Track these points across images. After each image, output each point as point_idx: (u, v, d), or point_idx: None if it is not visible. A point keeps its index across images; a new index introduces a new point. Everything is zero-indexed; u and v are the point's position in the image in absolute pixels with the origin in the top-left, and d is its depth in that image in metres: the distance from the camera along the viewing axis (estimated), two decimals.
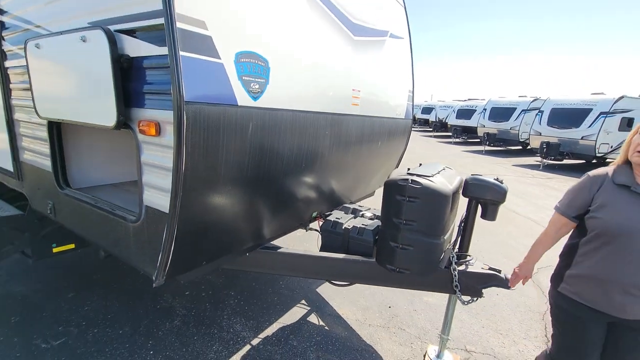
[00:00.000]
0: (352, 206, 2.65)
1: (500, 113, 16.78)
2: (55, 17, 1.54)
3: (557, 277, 1.59)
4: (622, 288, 1.36)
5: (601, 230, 1.38)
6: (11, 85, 2.05)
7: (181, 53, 1.12)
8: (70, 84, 1.46)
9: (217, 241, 1.63)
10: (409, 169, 2.01)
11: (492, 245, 4.40)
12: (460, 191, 2.02)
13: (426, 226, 1.82)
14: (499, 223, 5.28)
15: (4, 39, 1.99)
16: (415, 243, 1.84)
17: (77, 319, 2.53)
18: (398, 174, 1.95)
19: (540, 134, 13.09)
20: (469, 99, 22.48)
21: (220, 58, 1.27)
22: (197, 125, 1.21)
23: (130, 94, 1.29)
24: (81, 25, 1.39)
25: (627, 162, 1.42)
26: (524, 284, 1.77)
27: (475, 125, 18.03)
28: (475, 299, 2.04)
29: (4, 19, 1.96)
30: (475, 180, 1.96)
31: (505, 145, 16.79)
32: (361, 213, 2.52)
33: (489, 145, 16.12)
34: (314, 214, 2.50)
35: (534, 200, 7.00)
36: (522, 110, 15.97)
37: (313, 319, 2.73)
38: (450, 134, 20.72)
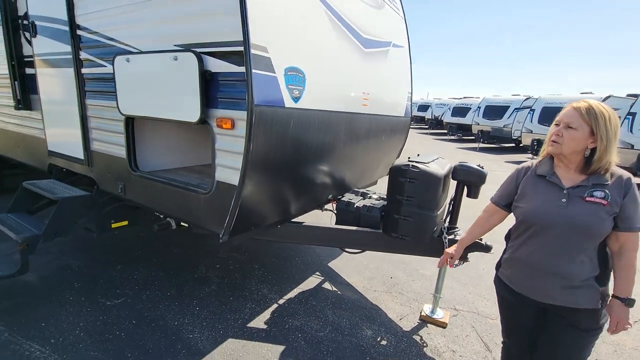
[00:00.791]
0: (360, 190, 3.14)
1: (494, 111, 17.34)
2: (141, 40, 2.00)
3: (498, 263, 1.68)
4: (541, 273, 1.41)
5: (521, 218, 1.47)
6: (86, 88, 2.50)
7: (253, 71, 1.60)
8: (157, 89, 1.91)
9: (263, 211, 2.11)
10: (409, 158, 2.50)
11: None
12: (450, 175, 2.52)
13: (422, 202, 2.32)
14: None
15: (81, 50, 2.44)
16: (414, 215, 2.34)
17: (129, 284, 3.00)
18: (401, 161, 2.45)
19: (532, 132, 13.67)
20: (465, 97, 23.07)
21: (275, 73, 1.75)
22: (260, 121, 1.69)
23: (210, 98, 1.76)
24: (167, 47, 1.85)
25: (551, 155, 1.46)
26: (450, 265, 1.97)
27: (470, 123, 18.61)
28: (462, 262, 2.54)
29: (81, 33, 2.41)
30: (461, 166, 2.46)
31: (498, 142, 17.39)
32: (369, 195, 3.01)
33: (483, 142, 16.71)
34: (329, 196, 2.98)
35: None
36: (515, 109, 16.55)
37: (327, 286, 3.23)
38: (445, 131, 21.30)
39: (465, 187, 2.51)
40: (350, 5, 2.51)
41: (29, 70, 3.00)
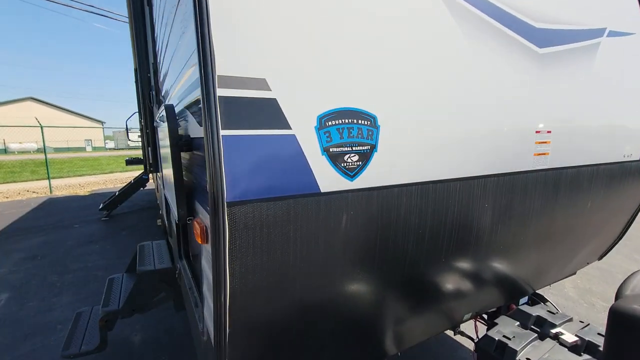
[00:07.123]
0: (535, 312, 1.65)
1: None
2: None
3: None
4: None
5: None
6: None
7: (222, 132, 0.74)
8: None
9: None
10: None
11: None
12: None
13: None
14: None
15: None
16: None
17: None
18: None
19: None
20: None
21: (290, 128, 0.83)
22: (246, 232, 0.79)
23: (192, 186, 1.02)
24: None
25: None
26: None
27: None
28: None
29: None
30: None
31: None
32: (554, 332, 1.50)
33: None
34: (467, 316, 1.67)
35: None
36: None
37: None
38: None
39: None
40: None
41: None
